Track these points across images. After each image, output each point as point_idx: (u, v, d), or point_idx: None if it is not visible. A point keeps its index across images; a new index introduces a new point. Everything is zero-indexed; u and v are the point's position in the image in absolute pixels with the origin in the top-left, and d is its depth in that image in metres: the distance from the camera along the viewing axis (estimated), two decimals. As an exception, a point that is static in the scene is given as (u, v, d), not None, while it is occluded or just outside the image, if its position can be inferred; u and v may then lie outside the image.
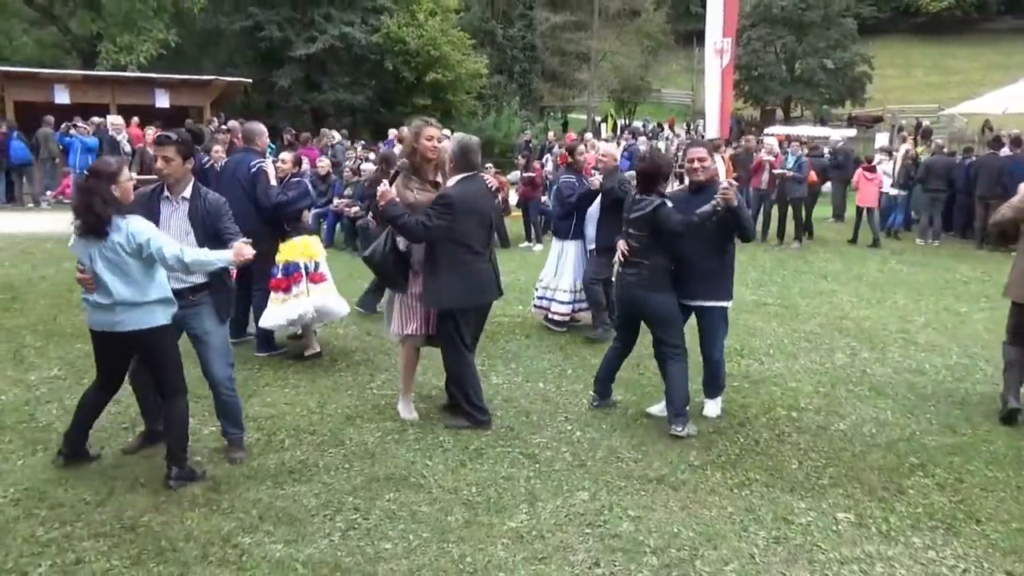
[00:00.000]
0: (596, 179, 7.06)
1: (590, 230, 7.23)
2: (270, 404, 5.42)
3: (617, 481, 4.40)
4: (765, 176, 13.49)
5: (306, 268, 6.32)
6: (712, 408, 5.45)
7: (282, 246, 6.36)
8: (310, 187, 6.83)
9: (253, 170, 6.35)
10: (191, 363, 4.46)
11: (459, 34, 29.96)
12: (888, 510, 4.15)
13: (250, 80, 23.37)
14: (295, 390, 5.73)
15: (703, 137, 25.23)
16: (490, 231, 5.20)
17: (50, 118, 17.36)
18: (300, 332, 6.70)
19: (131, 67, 22.71)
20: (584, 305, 7.43)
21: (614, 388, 5.64)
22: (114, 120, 17.48)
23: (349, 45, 27.54)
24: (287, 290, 6.22)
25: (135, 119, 18.54)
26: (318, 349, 6.52)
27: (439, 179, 5.11)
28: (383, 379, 6.05)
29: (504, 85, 35.90)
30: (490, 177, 5.25)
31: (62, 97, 19.21)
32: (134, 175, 4.49)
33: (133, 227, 3.89)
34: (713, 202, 4.79)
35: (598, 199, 7.08)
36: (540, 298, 7.65)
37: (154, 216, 4.20)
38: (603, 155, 7.48)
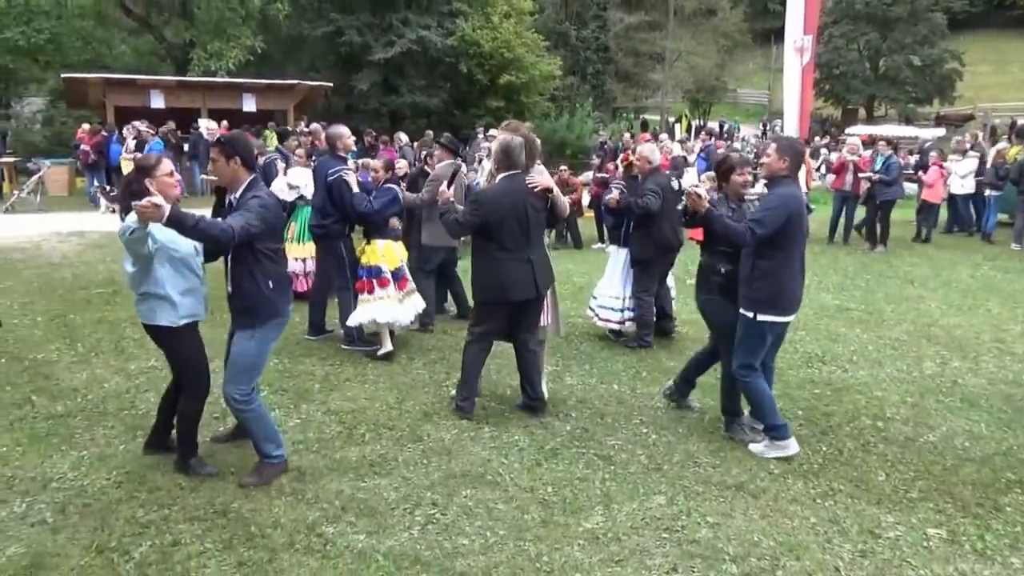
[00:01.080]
0: (613, 195, 6.93)
1: None
2: (351, 399, 5.54)
3: (695, 486, 4.36)
4: (848, 177, 13.12)
5: (394, 275, 6.48)
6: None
7: (367, 249, 6.48)
8: (400, 193, 6.76)
9: (332, 179, 6.41)
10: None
11: (533, 36, 30.05)
12: (983, 527, 3.99)
13: (331, 84, 23.94)
14: (374, 386, 5.85)
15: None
16: (527, 229, 5.12)
17: (140, 123, 18.14)
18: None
19: (220, 73, 23.50)
20: (633, 315, 7.17)
21: (693, 394, 5.57)
22: (208, 124, 18.22)
23: (425, 49, 27.94)
24: (371, 292, 6.38)
25: (224, 122, 19.20)
26: (390, 348, 6.51)
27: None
28: (457, 378, 6.11)
29: (577, 86, 35.87)
30: (538, 177, 5.17)
31: (157, 102, 20.05)
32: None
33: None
34: (680, 205, 4.82)
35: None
36: (592, 304, 7.48)
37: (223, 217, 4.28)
38: (638, 158, 7.16)
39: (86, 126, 18.61)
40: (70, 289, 8.70)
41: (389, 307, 6.42)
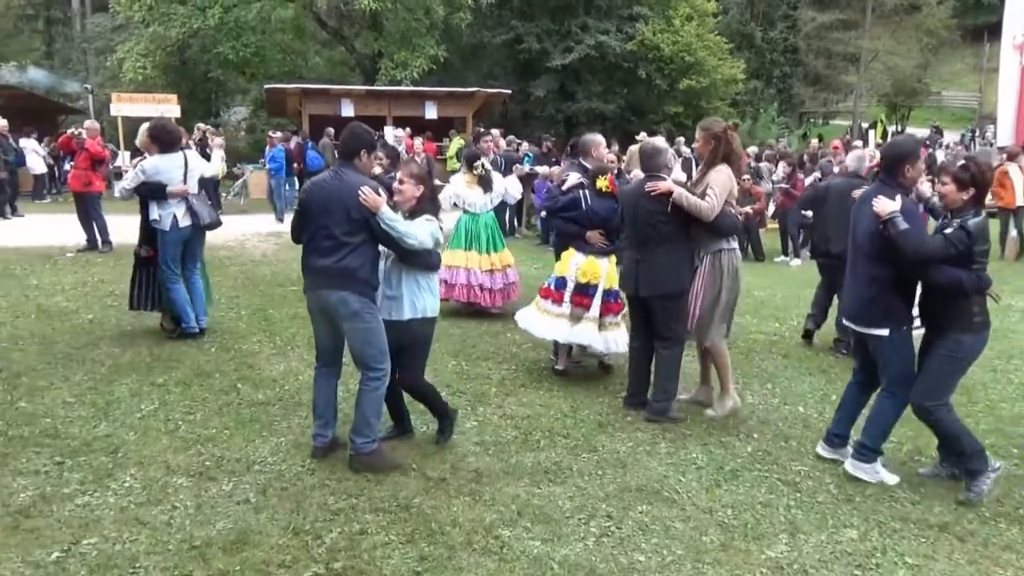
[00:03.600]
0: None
1: None
2: (526, 404, 5.62)
3: (891, 522, 4.08)
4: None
5: (605, 294, 6.00)
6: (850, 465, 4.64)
7: (563, 255, 6.24)
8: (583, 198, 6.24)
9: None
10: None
11: (715, 38, 29.36)
12: None
13: (509, 91, 24.45)
14: (549, 393, 5.89)
15: (991, 145, 22.69)
16: (636, 230, 5.37)
17: (330, 130, 19.32)
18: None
19: (405, 82, 24.63)
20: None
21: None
22: (396, 132, 19.26)
23: (603, 54, 28.00)
24: (557, 302, 6.04)
25: (407, 129, 20.13)
26: (560, 367, 6.31)
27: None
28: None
29: (761, 90, 34.71)
30: (660, 182, 5.17)
31: (347, 110, 21.30)
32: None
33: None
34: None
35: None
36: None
37: None
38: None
39: (277, 134, 20.05)
40: (269, 285, 9.38)
41: (551, 322, 6.06)
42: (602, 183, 6.05)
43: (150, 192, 6.60)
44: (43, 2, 40.70)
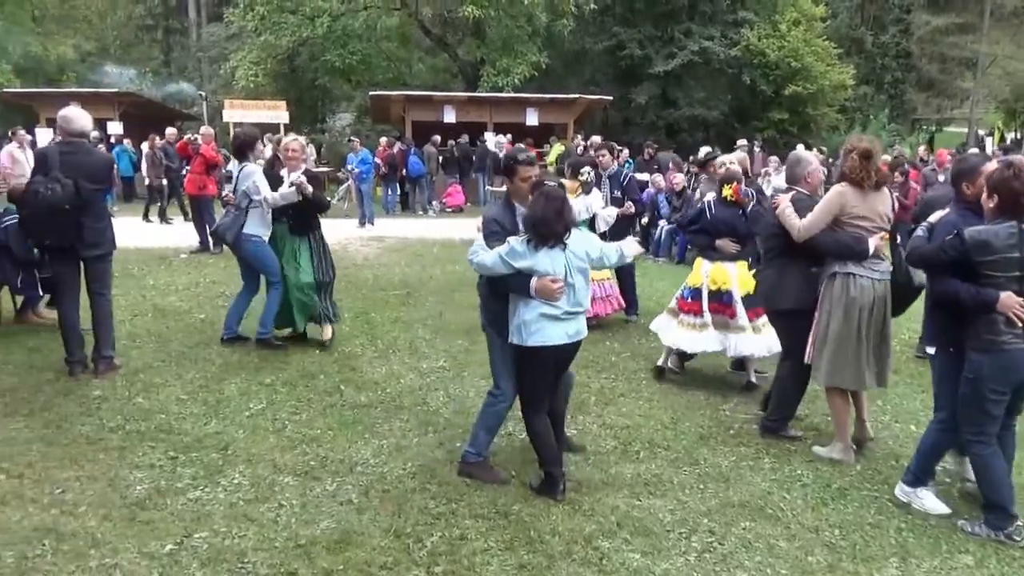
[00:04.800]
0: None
1: None
2: (625, 415, 5.54)
3: (1009, 550, 3.84)
4: None
5: (721, 297, 5.99)
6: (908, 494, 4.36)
7: (694, 265, 6.23)
8: (707, 207, 6.23)
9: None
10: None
11: (823, 43, 28.46)
12: None
13: (611, 98, 24.32)
14: (648, 403, 5.80)
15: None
16: (762, 240, 5.51)
17: (436, 138, 19.66)
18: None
19: (507, 88, 24.83)
20: None
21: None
22: (498, 139, 19.48)
23: (707, 60, 27.57)
24: (694, 314, 6.06)
25: (508, 136, 20.26)
26: (660, 364, 6.34)
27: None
28: (736, 401, 5.90)
29: (871, 96, 33.48)
30: (779, 197, 5.18)
31: (449, 116, 21.62)
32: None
33: (583, 236, 4.26)
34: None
35: None
36: None
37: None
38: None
39: (384, 139, 20.53)
40: (371, 289, 9.59)
41: (693, 335, 6.06)
42: (727, 191, 6.03)
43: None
44: (162, 12, 43.10)
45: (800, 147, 18.89)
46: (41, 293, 7.30)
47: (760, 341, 5.91)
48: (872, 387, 4.95)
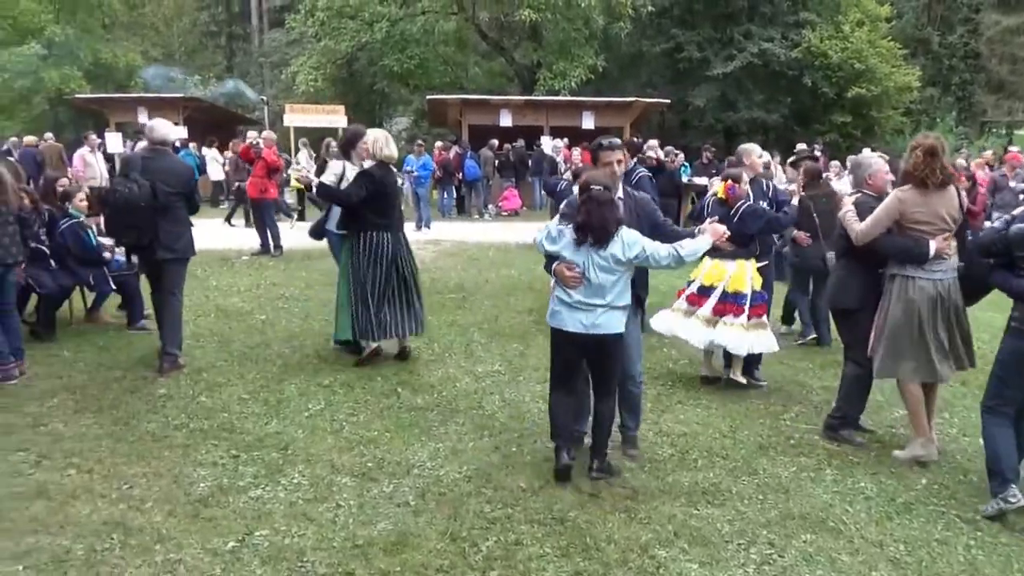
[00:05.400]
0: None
1: None
2: (683, 422, 5.47)
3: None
4: None
5: (724, 296, 6.00)
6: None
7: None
8: (705, 205, 6.41)
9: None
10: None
11: (888, 44, 27.75)
12: None
13: (668, 101, 24.10)
14: (707, 411, 5.72)
15: None
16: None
17: (494, 142, 19.72)
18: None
19: (563, 92, 24.79)
20: None
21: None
22: (556, 143, 19.46)
23: (767, 62, 27.14)
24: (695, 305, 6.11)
25: (565, 139, 20.23)
26: (742, 380, 6.16)
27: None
28: (797, 411, 5.79)
29: (937, 98, 32.54)
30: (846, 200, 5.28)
31: (506, 120, 21.65)
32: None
33: (628, 238, 4.22)
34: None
35: None
36: None
37: None
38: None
39: (439, 143, 20.66)
40: (428, 293, 9.56)
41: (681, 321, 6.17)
42: (718, 188, 6.19)
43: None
44: (226, 19, 44.19)
45: (865, 150, 18.47)
46: (113, 287, 7.56)
47: (744, 338, 5.91)
48: (944, 379, 4.96)
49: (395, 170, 6.58)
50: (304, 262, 11.67)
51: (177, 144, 21.37)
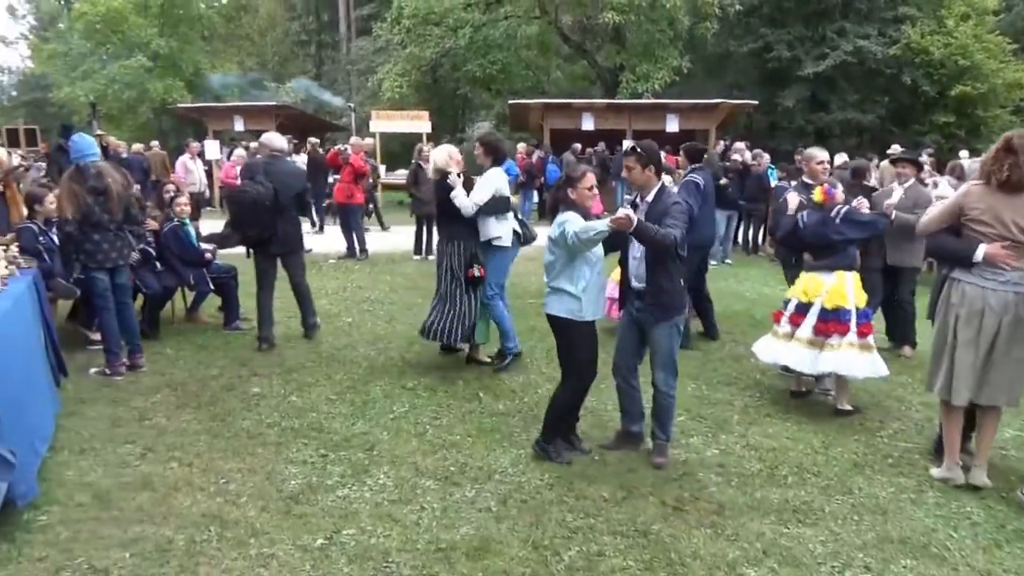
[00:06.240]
0: None
1: None
2: (771, 436, 5.31)
3: None
4: None
5: (824, 313, 5.54)
6: None
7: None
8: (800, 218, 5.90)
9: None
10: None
11: (997, 39, 26.26)
12: None
13: (755, 102, 23.53)
14: (797, 425, 5.53)
15: None
16: None
17: (576, 146, 19.61)
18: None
19: (646, 94, 24.48)
20: None
21: None
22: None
23: (862, 59, 26.12)
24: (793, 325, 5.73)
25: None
26: (849, 408, 5.76)
27: None
28: (895, 428, 5.54)
29: (1051, 96, 30.67)
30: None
31: (588, 124, 21.49)
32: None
33: (559, 219, 4.57)
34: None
35: None
36: None
37: None
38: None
39: (521, 145, 20.64)
40: (509, 297, 9.62)
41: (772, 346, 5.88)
42: (815, 192, 5.81)
43: (494, 207, 6.38)
44: (315, 28, 45.41)
45: (962, 153, 17.62)
46: (212, 288, 7.85)
47: (856, 360, 5.46)
48: (962, 402, 4.48)
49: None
50: (388, 265, 11.87)
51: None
